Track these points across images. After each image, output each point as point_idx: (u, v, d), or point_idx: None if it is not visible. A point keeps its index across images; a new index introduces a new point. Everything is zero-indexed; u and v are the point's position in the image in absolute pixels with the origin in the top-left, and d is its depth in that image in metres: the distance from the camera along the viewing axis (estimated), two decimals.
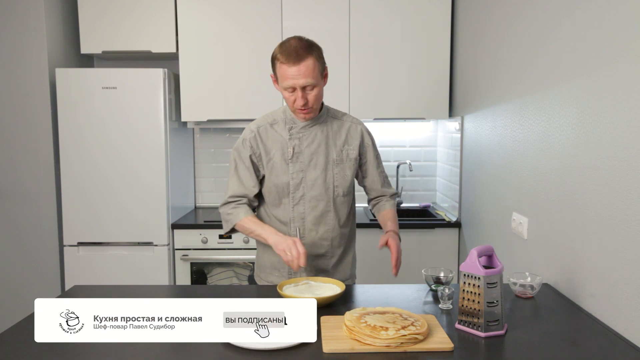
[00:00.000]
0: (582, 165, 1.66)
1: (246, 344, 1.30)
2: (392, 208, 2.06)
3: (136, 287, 1.90)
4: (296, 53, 1.72)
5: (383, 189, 2.06)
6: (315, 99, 1.79)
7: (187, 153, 3.54)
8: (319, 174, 1.89)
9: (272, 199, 1.93)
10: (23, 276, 3.18)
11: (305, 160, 1.89)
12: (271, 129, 1.90)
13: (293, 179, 1.88)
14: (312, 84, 1.75)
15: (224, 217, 1.93)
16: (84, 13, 3.20)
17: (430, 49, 3.22)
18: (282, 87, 1.78)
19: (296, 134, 1.88)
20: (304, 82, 1.74)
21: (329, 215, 1.92)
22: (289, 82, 1.74)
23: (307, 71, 1.73)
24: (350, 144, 1.93)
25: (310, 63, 1.73)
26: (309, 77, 1.74)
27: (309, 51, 1.74)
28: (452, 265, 3.08)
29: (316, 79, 1.76)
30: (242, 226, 1.88)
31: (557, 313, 1.60)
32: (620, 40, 1.47)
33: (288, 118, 1.89)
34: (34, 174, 3.13)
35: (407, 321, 1.36)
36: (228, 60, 3.21)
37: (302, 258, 1.70)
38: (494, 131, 2.49)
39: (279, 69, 1.76)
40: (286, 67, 1.73)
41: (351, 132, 1.94)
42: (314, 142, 1.89)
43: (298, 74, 1.72)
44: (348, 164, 1.93)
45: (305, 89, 1.76)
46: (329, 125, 1.92)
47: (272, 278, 1.98)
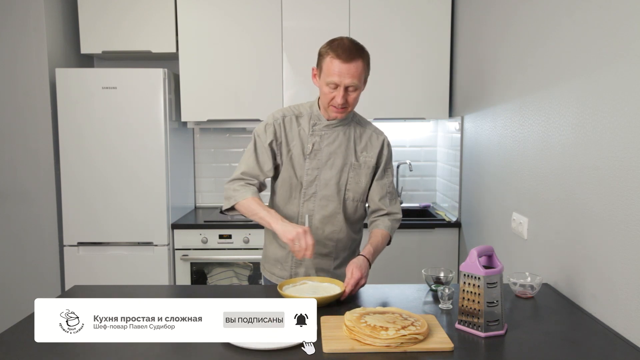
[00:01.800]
0: (582, 165, 1.66)
1: (246, 344, 1.30)
2: (384, 230, 1.90)
3: (136, 287, 1.89)
4: (350, 51, 1.73)
5: (381, 202, 1.93)
6: (354, 101, 1.80)
7: (187, 153, 3.54)
8: (333, 174, 1.88)
9: (284, 191, 1.91)
10: (23, 276, 3.18)
11: (323, 159, 1.88)
12: (296, 122, 1.89)
13: (308, 175, 1.88)
14: (356, 86, 1.76)
15: (228, 193, 1.86)
16: (84, 13, 3.20)
17: (430, 49, 3.22)
18: (325, 82, 1.77)
19: (318, 131, 1.88)
20: (350, 82, 1.74)
21: (338, 217, 1.90)
22: (336, 78, 1.73)
23: (356, 72, 1.73)
24: (369, 152, 1.92)
25: (360, 65, 1.74)
26: (355, 78, 1.74)
27: (362, 54, 1.76)
28: (452, 265, 3.08)
29: (360, 82, 1.77)
30: (246, 206, 1.81)
31: (557, 313, 1.60)
32: (620, 40, 1.47)
33: (314, 114, 1.89)
34: (34, 174, 3.13)
35: (407, 321, 1.36)
36: (228, 60, 3.21)
37: (310, 250, 1.67)
38: (494, 131, 2.49)
39: (328, 63, 1.75)
40: (338, 63, 1.72)
41: (372, 140, 1.93)
42: (335, 143, 1.88)
43: (347, 72, 1.72)
44: (365, 171, 1.91)
45: (347, 89, 1.76)
46: (352, 129, 1.91)
47: (275, 270, 1.98)
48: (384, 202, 1.94)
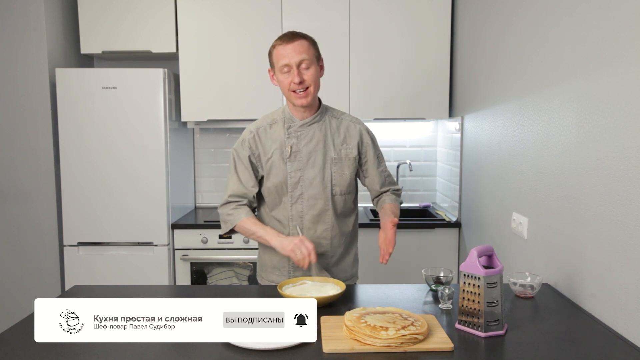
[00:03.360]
0: (582, 165, 1.66)
1: (246, 344, 1.30)
2: (391, 202, 2.00)
3: (136, 287, 1.89)
4: (291, 34, 1.81)
5: (383, 188, 2.03)
6: (312, 78, 1.80)
7: (187, 153, 3.54)
8: (317, 172, 1.89)
9: (272, 198, 1.93)
10: (23, 276, 3.18)
11: (304, 159, 1.88)
12: (270, 130, 1.90)
13: (291, 177, 1.88)
14: (307, 61, 1.78)
15: (223, 217, 1.93)
16: (84, 13, 3.20)
17: (431, 48, 3.22)
18: (278, 70, 1.80)
19: (294, 132, 1.88)
20: (299, 58, 1.77)
21: (327, 214, 1.92)
22: (284, 60, 1.77)
23: (301, 48, 1.78)
24: (349, 143, 1.93)
25: (305, 42, 1.80)
26: (303, 53, 1.78)
27: (303, 35, 1.82)
28: (452, 265, 3.08)
29: (311, 58, 1.80)
30: (243, 227, 1.88)
31: (557, 313, 1.60)
32: (620, 40, 1.47)
33: (287, 117, 1.90)
34: (34, 174, 3.13)
35: (407, 321, 1.36)
36: (228, 60, 3.21)
37: (312, 255, 1.72)
38: (494, 131, 2.49)
39: (274, 54, 1.81)
40: (281, 47, 1.78)
41: (350, 131, 1.94)
42: (312, 141, 1.89)
43: (292, 50, 1.77)
44: (347, 163, 1.92)
45: (300, 67, 1.78)
46: (328, 124, 1.92)
47: (274, 277, 1.98)
48: (385, 187, 2.04)
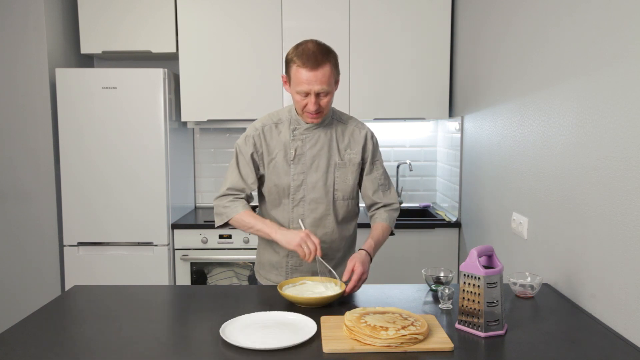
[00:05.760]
0: (582, 165, 1.66)
1: (246, 344, 1.30)
2: (383, 222, 1.92)
3: (136, 287, 1.89)
4: (315, 58, 1.69)
5: (374, 196, 1.95)
6: (327, 105, 1.79)
7: (187, 153, 3.54)
8: (320, 176, 1.88)
9: (273, 199, 1.92)
10: (23, 276, 3.18)
11: (307, 163, 1.88)
12: (275, 129, 1.89)
13: (294, 180, 1.88)
14: (327, 91, 1.74)
15: (218, 210, 1.89)
16: (84, 13, 3.20)
17: (430, 49, 3.22)
18: (295, 91, 1.76)
19: (299, 135, 1.87)
20: (319, 89, 1.72)
21: (329, 219, 1.91)
22: (304, 87, 1.72)
23: (323, 78, 1.71)
24: (353, 148, 1.91)
25: (327, 70, 1.72)
26: (324, 84, 1.72)
27: (327, 57, 1.72)
28: (452, 265, 3.08)
29: (330, 87, 1.75)
30: (241, 220, 1.84)
31: (557, 313, 1.60)
32: (620, 40, 1.47)
33: (293, 118, 1.88)
34: (34, 174, 3.13)
35: (407, 321, 1.36)
36: (228, 60, 3.21)
37: (318, 249, 1.69)
38: (494, 131, 2.49)
39: (294, 72, 1.73)
40: (303, 72, 1.70)
41: (355, 136, 1.92)
42: (317, 145, 1.88)
43: (315, 80, 1.70)
44: (351, 168, 1.91)
45: (319, 95, 1.74)
46: (333, 129, 1.90)
47: (271, 276, 1.98)
48: (377, 196, 1.96)
